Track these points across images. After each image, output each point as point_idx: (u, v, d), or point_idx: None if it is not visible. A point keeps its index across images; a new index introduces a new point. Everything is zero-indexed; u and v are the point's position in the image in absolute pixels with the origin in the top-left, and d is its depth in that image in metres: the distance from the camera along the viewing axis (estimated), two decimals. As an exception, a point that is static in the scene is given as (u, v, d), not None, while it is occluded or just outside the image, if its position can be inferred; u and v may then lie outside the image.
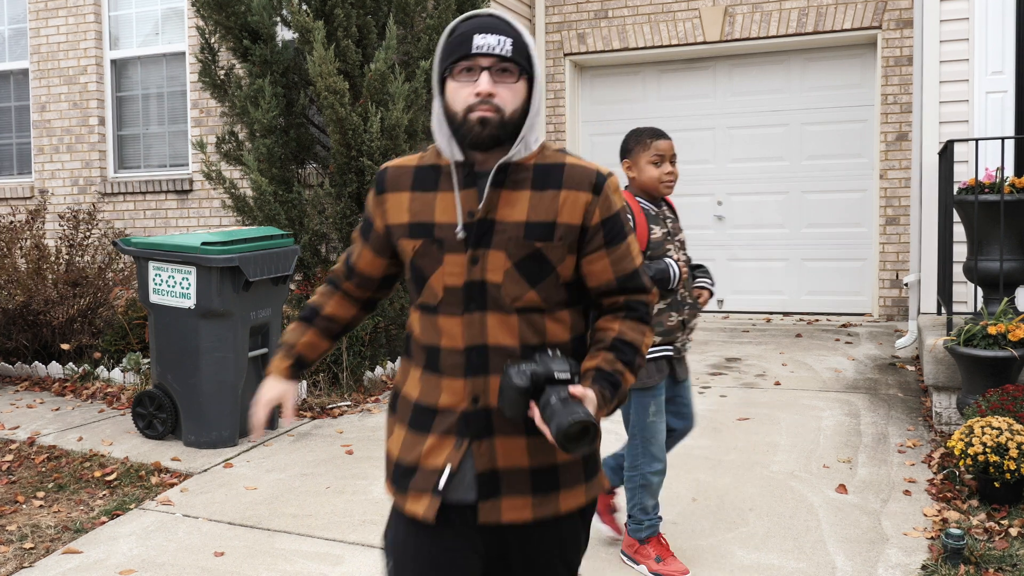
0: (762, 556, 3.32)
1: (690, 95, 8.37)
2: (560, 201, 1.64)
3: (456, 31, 1.64)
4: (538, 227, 1.62)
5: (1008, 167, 5.41)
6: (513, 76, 1.61)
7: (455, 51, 1.61)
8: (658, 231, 3.11)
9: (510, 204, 1.63)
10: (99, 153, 8.35)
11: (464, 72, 1.60)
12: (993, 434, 3.64)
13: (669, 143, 3.14)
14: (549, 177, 1.65)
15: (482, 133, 1.58)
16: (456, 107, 1.60)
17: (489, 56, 1.58)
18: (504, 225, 1.62)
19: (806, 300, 8.08)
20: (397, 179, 1.72)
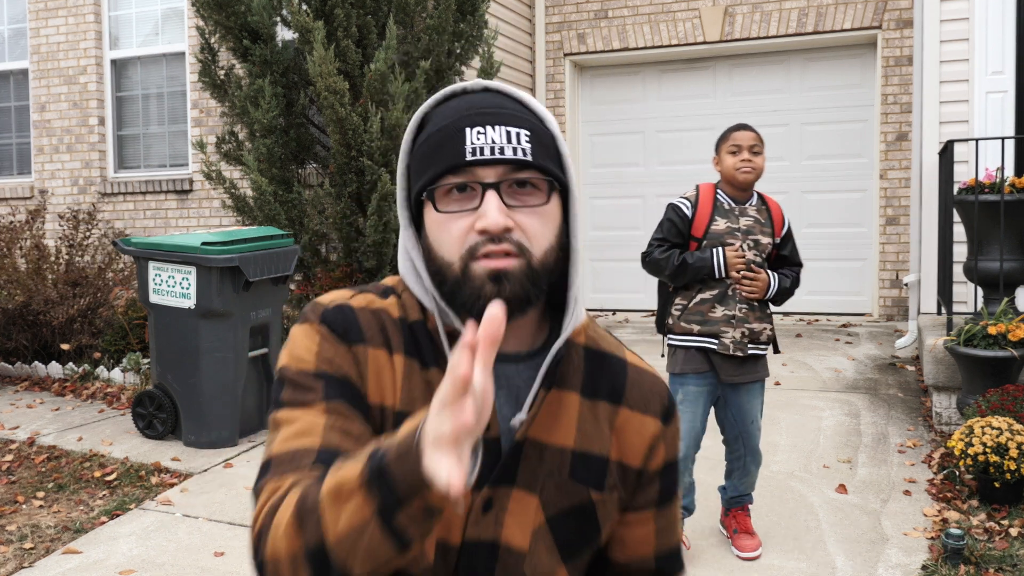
0: (762, 556, 3.32)
1: (690, 95, 8.37)
2: (618, 425, 1.10)
3: (432, 121, 1.04)
4: (588, 462, 1.07)
5: (1008, 167, 5.41)
6: (540, 193, 1.01)
7: (436, 158, 1.00)
8: (722, 223, 3.20)
9: (553, 416, 1.06)
10: (99, 153, 8.35)
11: (454, 193, 0.99)
12: (993, 434, 3.64)
13: (748, 134, 3.22)
14: (602, 378, 1.11)
15: (499, 297, 0.96)
16: (445, 252, 1.00)
17: (496, 164, 0.98)
18: (543, 451, 1.05)
19: (806, 300, 8.08)
20: (378, 328, 1.06)
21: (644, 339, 6.93)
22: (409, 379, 1.04)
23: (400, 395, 1.04)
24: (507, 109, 1.02)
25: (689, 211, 3.24)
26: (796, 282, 3.30)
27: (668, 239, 3.24)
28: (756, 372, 3.26)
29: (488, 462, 1.02)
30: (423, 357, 1.05)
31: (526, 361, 1.07)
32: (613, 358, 1.13)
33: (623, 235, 8.43)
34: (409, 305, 1.08)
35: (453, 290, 1.00)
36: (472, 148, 0.98)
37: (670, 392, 1.16)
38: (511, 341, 1.06)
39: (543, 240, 1.00)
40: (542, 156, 1.01)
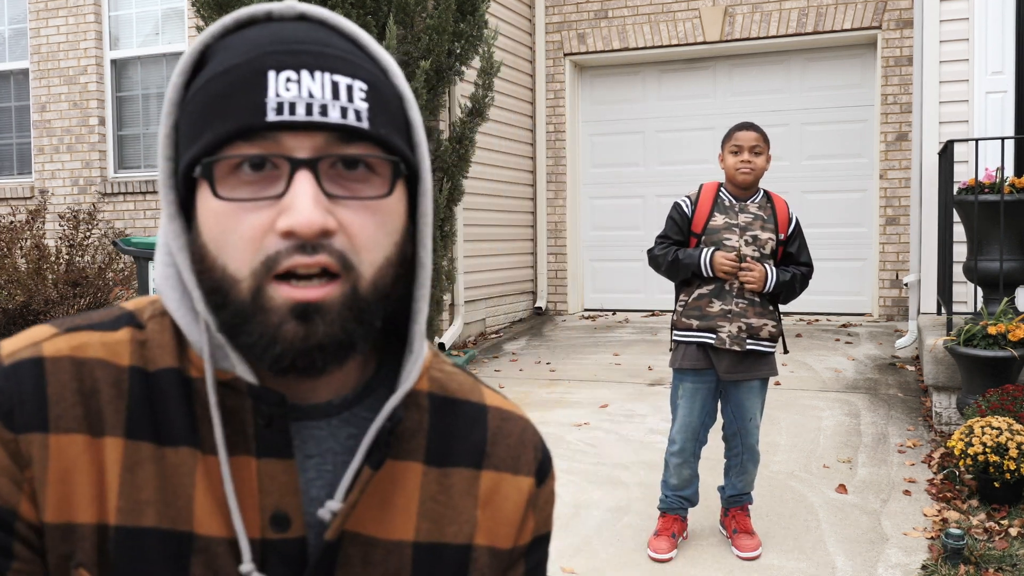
0: (762, 556, 3.32)
1: (690, 95, 8.37)
2: (483, 495, 0.80)
3: (215, 57, 0.70)
4: (440, 558, 0.78)
5: (1008, 167, 5.41)
6: (378, 179, 0.69)
7: (218, 113, 0.66)
8: (720, 219, 3.27)
9: (384, 499, 0.76)
10: (99, 153, 8.35)
11: (244, 171, 0.67)
12: (993, 434, 3.64)
13: (750, 134, 3.28)
14: (456, 434, 0.80)
15: (306, 342, 0.66)
16: (228, 260, 0.67)
17: (314, 129, 0.66)
18: (370, 550, 0.75)
19: (806, 300, 8.06)
20: (79, 394, 0.70)
21: (644, 339, 6.94)
22: (132, 473, 0.69)
23: (117, 501, 0.68)
24: (334, 48, 0.68)
25: (689, 209, 3.33)
26: (801, 280, 3.30)
27: (670, 236, 3.33)
28: (757, 370, 3.27)
29: (285, 573, 0.71)
30: (164, 430, 0.70)
31: (342, 414, 0.75)
32: (467, 404, 0.82)
33: (623, 235, 8.43)
34: (157, 342, 0.73)
35: (236, 322, 0.67)
36: (277, 103, 0.65)
37: (542, 440, 0.86)
38: (322, 387, 0.74)
39: (378, 251, 0.68)
40: (384, 124, 0.69)
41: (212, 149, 0.66)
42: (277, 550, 0.71)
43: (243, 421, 0.71)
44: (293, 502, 0.71)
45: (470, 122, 5.87)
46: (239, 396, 0.71)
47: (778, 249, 3.31)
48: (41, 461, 0.67)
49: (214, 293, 0.68)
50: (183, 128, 0.70)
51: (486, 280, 7.60)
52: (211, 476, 0.70)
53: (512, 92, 8.02)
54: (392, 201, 0.70)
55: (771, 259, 3.29)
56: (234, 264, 0.66)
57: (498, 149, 7.73)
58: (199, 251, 0.69)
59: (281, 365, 0.67)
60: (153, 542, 0.68)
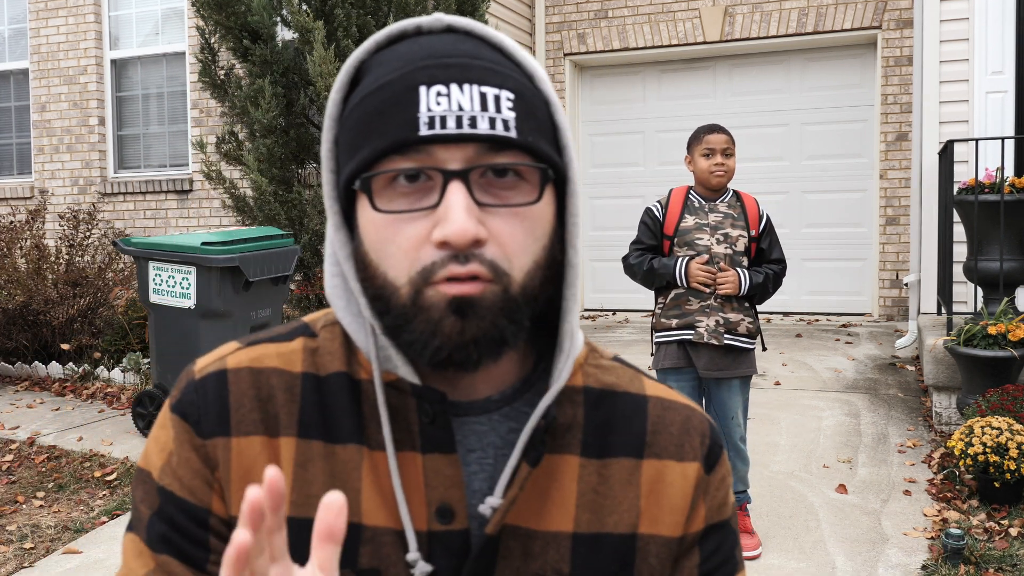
0: (762, 556, 3.32)
1: (690, 95, 8.37)
2: (645, 483, 0.80)
3: (371, 73, 0.73)
4: (601, 548, 0.78)
5: (1008, 167, 5.41)
6: (527, 186, 0.71)
7: (374, 130, 0.69)
8: (690, 220, 3.33)
9: (542, 492, 0.78)
10: (99, 153, 8.35)
11: (400, 183, 0.70)
12: (993, 434, 3.64)
13: (720, 137, 3.32)
14: (613, 426, 0.81)
15: (463, 336, 0.69)
16: (388, 269, 0.71)
17: (465, 141, 0.68)
18: (529, 542, 0.77)
19: (806, 300, 8.08)
20: (256, 400, 0.77)
21: (643, 339, 6.93)
22: (305, 469, 0.74)
23: (291, 495, 0.74)
24: (481, 60, 0.70)
25: (659, 212, 3.41)
26: (774, 279, 3.34)
27: (643, 241, 3.42)
28: (736, 368, 3.31)
29: (451, 566, 0.74)
30: (334, 430, 0.75)
31: (503, 409, 0.77)
32: (625, 396, 0.82)
33: (623, 235, 8.40)
34: (328, 349, 0.78)
35: (398, 324, 0.70)
36: (429, 117, 0.67)
37: (713, 427, 0.85)
38: (481, 383, 0.77)
39: (527, 256, 0.70)
40: (532, 131, 0.70)
41: (369, 163, 0.70)
42: (441, 541, 0.74)
43: (408, 419, 0.75)
44: (457, 495, 0.74)
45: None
46: (403, 395, 0.75)
47: (751, 246, 3.35)
48: (226, 462, 0.75)
49: (377, 300, 0.72)
50: (343, 142, 0.73)
51: (486, 280, 7.59)
52: (377, 471, 0.75)
53: (512, 92, 8.01)
54: (541, 206, 0.72)
55: (744, 256, 3.33)
56: (393, 272, 0.70)
57: (498, 149, 7.73)
58: (362, 260, 0.73)
59: (439, 357, 0.69)
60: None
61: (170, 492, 0.75)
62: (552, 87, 0.75)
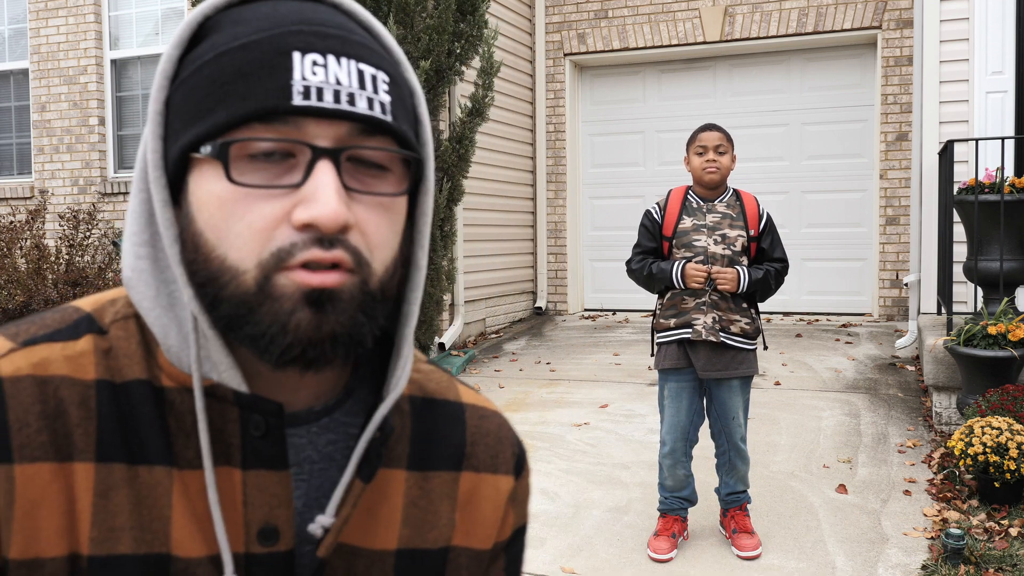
0: (762, 556, 3.32)
1: (690, 95, 8.37)
2: (462, 497, 0.78)
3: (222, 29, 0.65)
4: (419, 564, 0.76)
5: (1008, 167, 5.41)
6: (392, 177, 0.67)
7: (235, 91, 0.62)
8: (688, 221, 3.35)
9: (369, 509, 0.73)
10: (99, 153, 8.35)
11: (258, 157, 0.62)
12: (993, 434, 3.64)
13: (713, 135, 3.35)
14: (436, 437, 0.78)
15: (319, 332, 0.62)
16: (231, 250, 0.62)
17: (338, 118, 0.63)
18: (353, 561, 0.73)
19: (806, 300, 8.08)
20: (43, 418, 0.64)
21: (644, 339, 6.93)
22: (106, 498, 0.64)
23: (90, 530, 0.63)
24: (357, 36, 0.65)
25: (658, 215, 3.45)
26: (776, 276, 3.34)
27: (643, 244, 3.46)
28: (735, 368, 3.31)
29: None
30: (136, 448, 0.65)
31: (322, 420, 0.71)
32: (446, 404, 0.79)
33: (623, 235, 8.42)
34: (123, 350, 0.67)
35: (238, 314, 0.62)
36: (304, 87, 0.61)
37: (515, 434, 0.84)
38: (302, 392, 0.70)
39: (387, 250, 0.65)
40: (403, 118, 0.66)
41: (224, 129, 0.61)
42: (263, 565, 0.67)
43: (225, 431, 0.66)
44: (284, 515, 0.68)
45: (470, 122, 5.87)
46: (221, 404, 0.66)
47: (751, 246, 3.36)
48: (6, 494, 0.61)
49: (209, 285, 0.62)
50: (180, 105, 0.64)
51: (486, 280, 7.60)
52: (189, 493, 0.66)
53: (512, 92, 8.02)
54: (400, 200, 0.67)
55: (744, 256, 3.33)
56: (236, 254, 0.61)
57: (498, 149, 7.73)
58: (193, 240, 0.63)
59: (290, 355, 0.62)
60: (130, 569, 0.64)
61: None
62: (416, 77, 0.71)
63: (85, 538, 0.63)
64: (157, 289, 0.66)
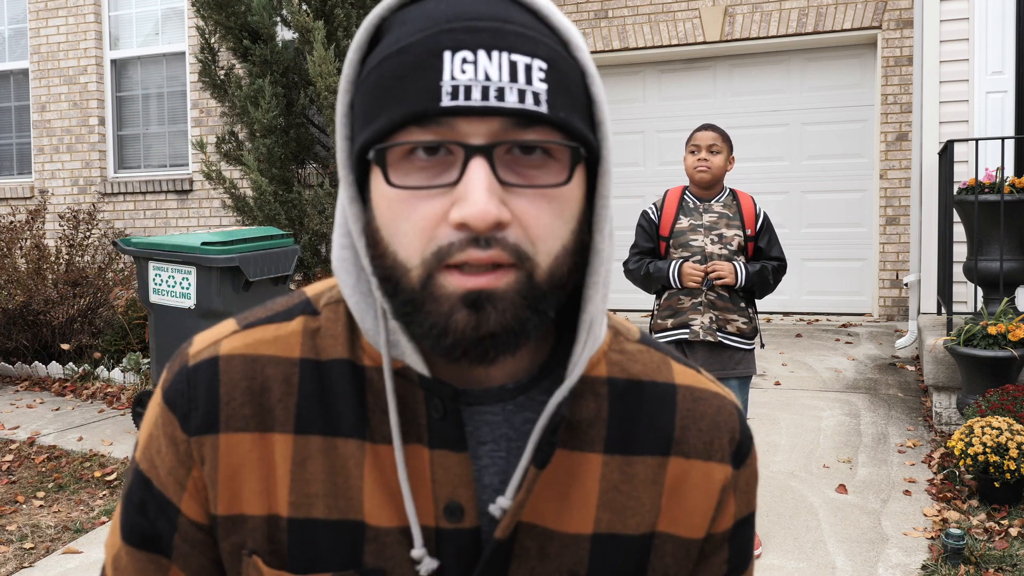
0: (762, 556, 3.32)
1: (690, 95, 8.37)
2: (669, 483, 0.76)
3: (391, 32, 0.66)
4: (617, 550, 0.75)
5: (1008, 167, 5.41)
6: (557, 165, 0.65)
7: (392, 96, 0.64)
8: (685, 221, 3.35)
9: (562, 490, 0.73)
10: (99, 153, 8.35)
11: (418, 156, 0.64)
12: (993, 434, 3.64)
13: (706, 134, 3.36)
14: (639, 421, 0.76)
15: (477, 331, 0.63)
16: (400, 248, 0.65)
17: (490, 115, 0.62)
18: (546, 543, 0.73)
19: (806, 300, 8.08)
20: (249, 393, 0.72)
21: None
22: (303, 467, 0.70)
23: (288, 495, 0.70)
24: (513, 24, 0.64)
25: (655, 215, 3.45)
26: (774, 272, 3.35)
27: (639, 244, 3.45)
28: (733, 368, 3.32)
29: (460, 564, 0.70)
30: (334, 422, 0.70)
31: (518, 398, 0.72)
32: (654, 386, 0.77)
33: (623, 235, 8.40)
34: (330, 331, 0.73)
35: (408, 310, 0.65)
36: (452, 87, 0.61)
37: (742, 418, 0.79)
38: (495, 371, 0.72)
39: (554, 241, 0.65)
40: (564, 105, 0.65)
41: (385, 134, 0.64)
42: (450, 539, 0.70)
43: (415, 411, 0.70)
44: (466, 494, 0.70)
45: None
46: (411, 385, 0.70)
47: (748, 245, 3.37)
48: (212, 460, 0.71)
49: (386, 280, 0.66)
50: (359, 107, 0.67)
51: (486, 280, 7.60)
52: (381, 466, 0.70)
53: (512, 92, 8.01)
54: (570, 187, 0.66)
55: (741, 255, 3.34)
56: (405, 252, 0.64)
57: (498, 149, 7.73)
58: (373, 235, 0.67)
59: (453, 355, 0.64)
60: (324, 533, 0.70)
61: (145, 476, 0.73)
62: (589, 55, 0.69)
63: (284, 502, 0.70)
64: (357, 277, 0.71)
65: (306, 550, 0.70)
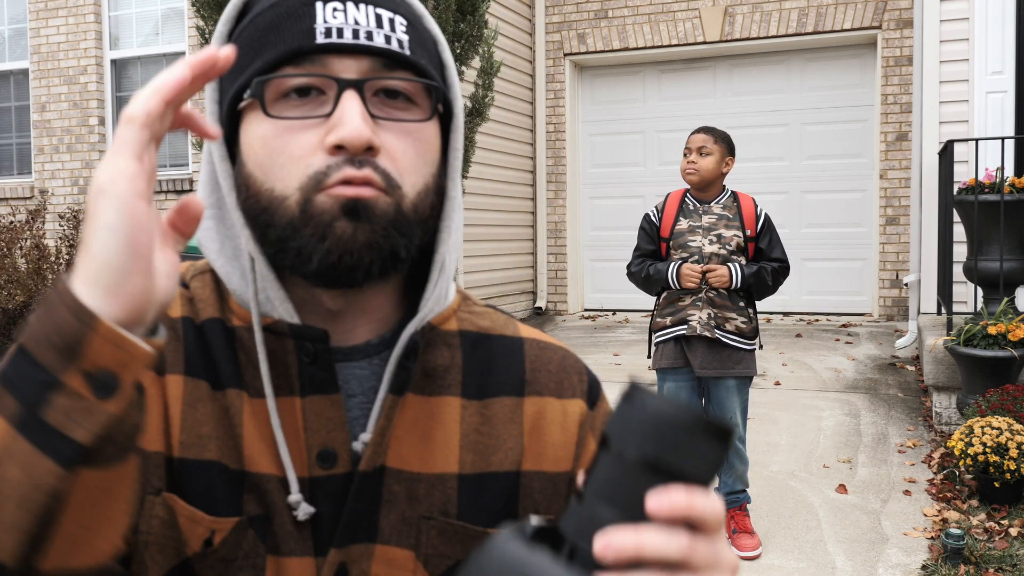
0: (762, 556, 3.32)
1: (690, 95, 8.37)
2: (528, 420, 0.79)
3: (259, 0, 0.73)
4: (486, 487, 0.77)
5: (1008, 167, 5.41)
6: (416, 108, 0.72)
7: (268, 41, 0.70)
8: (684, 223, 3.39)
9: (424, 434, 0.76)
10: (99, 153, 8.35)
11: (292, 97, 0.69)
12: (993, 434, 3.64)
13: (697, 136, 3.39)
14: (491, 367, 0.80)
15: (354, 240, 0.67)
16: (276, 180, 0.69)
17: (360, 53, 0.69)
18: (414, 484, 0.75)
19: (806, 300, 8.08)
20: None
21: (644, 339, 6.92)
22: (193, 408, 0.72)
23: (178, 435, 0.71)
24: None
25: (656, 218, 3.50)
26: (773, 274, 3.34)
27: (642, 247, 3.51)
28: (731, 368, 3.32)
29: (334, 509, 0.72)
30: (215, 374, 0.73)
31: (383, 352, 0.76)
32: (502, 339, 0.82)
33: (623, 235, 8.42)
34: (200, 297, 0.76)
35: (287, 234, 0.68)
36: (325, 27, 0.68)
37: (585, 365, 0.85)
38: (360, 327, 0.75)
39: (418, 175, 0.70)
40: (423, 57, 0.72)
41: (262, 71, 0.69)
42: (323, 486, 0.72)
43: (286, 363, 0.73)
44: (339, 437, 0.73)
45: (470, 122, 5.87)
46: (281, 339, 0.73)
47: (748, 246, 3.37)
48: None
49: (261, 216, 0.69)
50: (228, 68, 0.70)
51: (486, 280, 7.60)
52: (258, 417, 0.72)
53: (512, 92, 8.02)
54: (430, 130, 0.72)
55: (740, 255, 3.35)
56: (281, 184, 0.68)
57: (498, 149, 7.73)
58: (244, 181, 0.71)
59: (328, 261, 0.67)
60: (215, 474, 0.71)
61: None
62: (438, 27, 0.77)
63: (176, 441, 0.71)
64: (221, 243, 0.75)
65: (197, 492, 0.70)
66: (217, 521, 0.70)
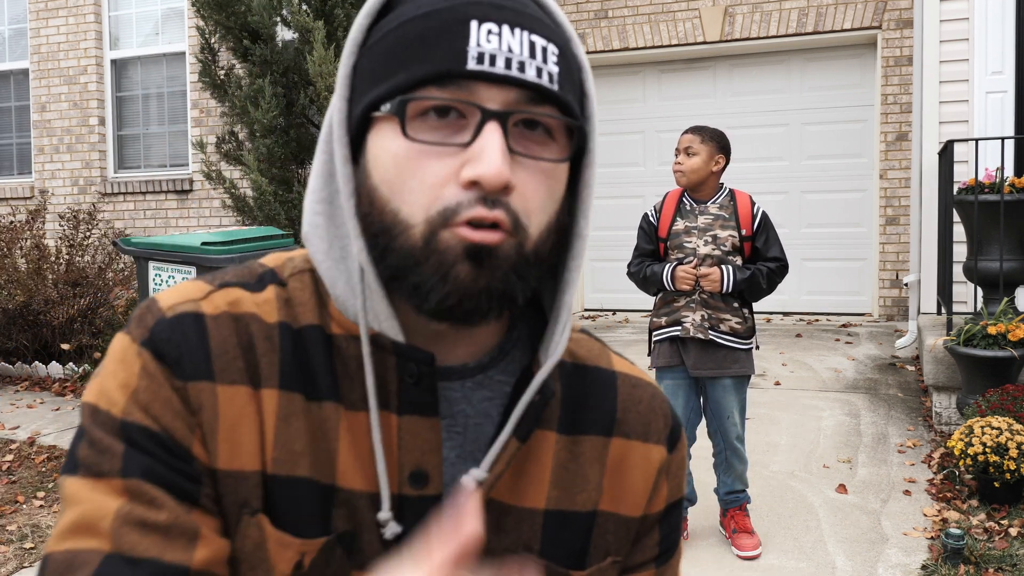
0: (762, 556, 3.33)
1: (690, 95, 8.37)
2: (611, 463, 0.79)
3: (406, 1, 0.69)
4: (567, 526, 0.77)
5: (1008, 167, 5.41)
6: (555, 145, 0.69)
7: (415, 55, 0.66)
8: (681, 223, 3.40)
9: (519, 468, 0.75)
10: (99, 153, 8.35)
11: (431, 117, 0.66)
12: (993, 434, 3.64)
13: (684, 136, 3.40)
14: (587, 402, 0.80)
15: (475, 284, 0.65)
16: (403, 204, 0.66)
17: (509, 85, 0.65)
18: (504, 517, 0.75)
19: (806, 300, 8.08)
20: (239, 348, 0.70)
21: (644, 339, 6.92)
22: (287, 423, 0.69)
23: (272, 451, 0.69)
24: (531, 9, 0.68)
25: (654, 218, 3.51)
26: (768, 276, 3.30)
27: (641, 247, 3.52)
28: (727, 367, 3.32)
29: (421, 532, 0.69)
30: (312, 385, 0.70)
31: (476, 376, 0.74)
32: (598, 372, 0.80)
33: (623, 235, 8.42)
34: (299, 299, 0.73)
35: (404, 265, 0.66)
36: (479, 52, 0.64)
37: (671, 407, 0.85)
38: (460, 349, 0.73)
39: (544, 215, 0.68)
40: (570, 91, 0.68)
41: (403, 90, 0.66)
42: (413, 506, 0.71)
43: (384, 379, 0.71)
44: (433, 460, 0.71)
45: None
46: (382, 352, 0.70)
47: (744, 246, 3.36)
48: (211, 409, 0.68)
49: (381, 237, 0.67)
50: (366, 69, 0.69)
51: (486, 280, 7.60)
52: (354, 432, 0.71)
53: (512, 92, 8.01)
54: (562, 169, 0.70)
55: (736, 255, 3.34)
56: (408, 209, 0.65)
57: (498, 149, 7.73)
58: (369, 194, 0.68)
59: (447, 304, 0.65)
60: (305, 491, 0.69)
61: (143, 427, 0.66)
62: (584, 54, 0.73)
63: (269, 458, 0.69)
64: (330, 243, 0.72)
65: (289, 509, 0.69)
66: (307, 543, 0.69)
